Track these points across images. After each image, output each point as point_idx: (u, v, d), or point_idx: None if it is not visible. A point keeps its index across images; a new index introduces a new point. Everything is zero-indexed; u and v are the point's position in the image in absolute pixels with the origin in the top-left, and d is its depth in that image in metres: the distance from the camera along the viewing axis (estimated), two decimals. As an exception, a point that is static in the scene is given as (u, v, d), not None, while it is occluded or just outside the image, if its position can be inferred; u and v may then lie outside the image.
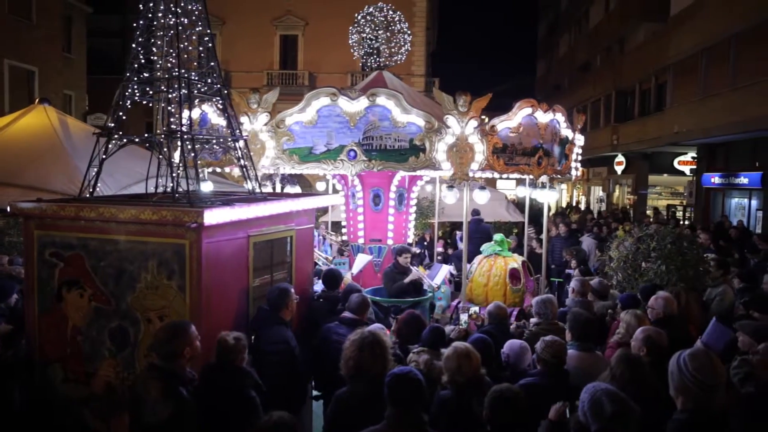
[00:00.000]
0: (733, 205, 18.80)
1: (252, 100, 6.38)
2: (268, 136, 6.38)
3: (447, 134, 6.12)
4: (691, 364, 2.53)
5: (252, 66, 27.90)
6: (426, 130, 6.13)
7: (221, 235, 3.95)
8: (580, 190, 34.78)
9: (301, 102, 6.30)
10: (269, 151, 6.37)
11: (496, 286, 7.62)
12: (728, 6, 15.93)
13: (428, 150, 6.14)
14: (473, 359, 3.42)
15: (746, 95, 14.82)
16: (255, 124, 6.43)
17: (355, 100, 6.14)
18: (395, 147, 6.19)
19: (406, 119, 6.15)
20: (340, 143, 6.25)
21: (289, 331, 4.31)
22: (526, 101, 6.69)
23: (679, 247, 6.65)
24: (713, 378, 2.50)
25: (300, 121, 6.32)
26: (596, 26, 29.10)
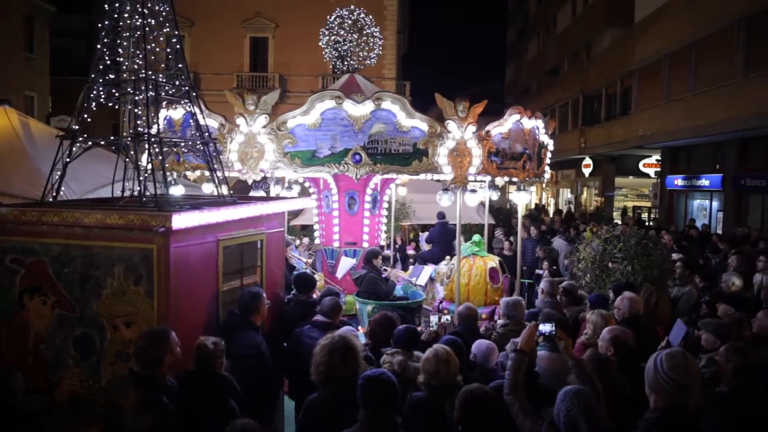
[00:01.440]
0: (696, 207, 19.34)
1: (249, 102, 6.16)
2: (267, 139, 6.16)
3: (448, 139, 6.22)
4: (666, 363, 2.56)
5: (222, 68, 27.60)
6: (429, 134, 6.19)
7: (190, 240, 3.89)
8: (549, 192, 35.33)
9: (305, 104, 6.17)
10: (269, 155, 6.14)
11: (477, 285, 7.75)
12: (688, 14, 16.42)
13: (431, 154, 6.21)
14: (452, 365, 3.43)
15: (707, 100, 15.29)
16: (253, 126, 6.18)
17: (360, 104, 6.10)
18: (400, 151, 6.20)
19: (411, 124, 6.19)
20: (345, 147, 6.16)
21: (259, 336, 4.27)
22: (515, 108, 6.98)
23: (645, 247, 6.82)
24: (687, 378, 2.52)
25: (303, 124, 6.16)
26: (564, 31, 29.64)
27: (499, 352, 4.16)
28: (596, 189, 27.27)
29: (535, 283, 10.29)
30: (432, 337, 4.71)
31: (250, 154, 6.12)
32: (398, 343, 4.14)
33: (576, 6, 27.84)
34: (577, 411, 2.62)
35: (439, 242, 10.89)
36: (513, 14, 44.43)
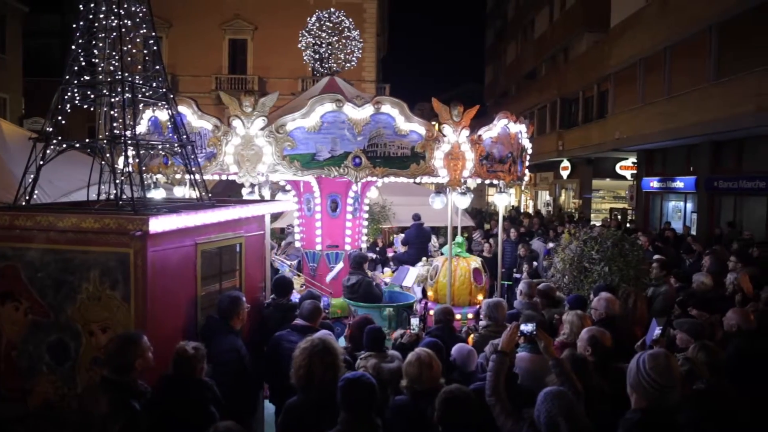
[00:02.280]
0: (671, 208, 19.69)
1: (246, 104, 6.07)
2: (265, 142, 6.10)
3: (444, 142, 6.31)
4: (648, 364, 2.60)
5: (200, 70, 27.36)
6: (426, 138, 6.27)
7: (167, 243, 3.85)
8: (528, 194, 35.67)
9: (305, 107, 6.13)
10: (267, 157, 6.07)
11: (462, 286, 7.83)
12: (661, 20, 16.75)
13: (428, 157, 6.30)
14: (435, 368, 3.43)
15: (680, 104, 15.60)
16: (250, 128, 6.10)
17: (360, 107, 6.11)
18: (398, 154, 6.26)
19: (409, 127, 6.25)
20: (345, 150, 6.16)
21: (239, 340, 4.24)
22: (504, 113, 7.24)
23: (621, 249, 6.93)
24: (667, 379, 2.56)
25: (302, 127, 6.13)
26: (541, 35, 29.99)
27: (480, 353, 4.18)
28: (574, 191, 27.61)
29: (514, 284, 10.38)
30: (413, 340, 4.72)
31: (246, 157, 6.04)
32: (367, 346, 4.15)
33: (553, 10, 28.20)
34: (557, 412, 2.65)
35: (415, 244, 10.95)
36: (491, 17, 44.80)
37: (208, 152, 6.32)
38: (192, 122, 6.37)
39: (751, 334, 4.64)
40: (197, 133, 6.35)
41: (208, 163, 6.33)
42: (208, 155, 6.32)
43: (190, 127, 6.34)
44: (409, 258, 10.17)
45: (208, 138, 6.30)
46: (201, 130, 6.35)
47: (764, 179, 13.92)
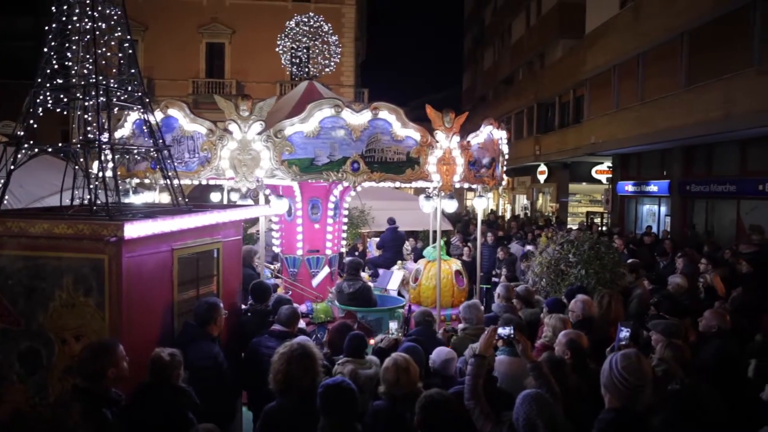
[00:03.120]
0: (645, 212, 20.04)
1: (243, 108, 6.00)
2: (263, 146, 6.05)
3: (437, 148, 6.43)
4: (620, 364, 2.65)
5: (177, 74, 27.06)
6: (421, 143, 6.37)
7: (143, 249, 3.79)
8: (506, 198, 35.99)
9: (303, 112, 6.14)
10: (264, 162, 6.03)
11: (444, 288, 7.93)
12: (635, 27, 17.09)
13: (422, 163, 6.41)
14: (412, 373, 3.43)
15: (653, 109, 15.91)
16: (247, 133, 6.04)
17: (359, 113, 6.16)
18: (394, 159, 6.34)
19: (405, 133, 6.33)
20: (343, 155, 6.18)
21: (217, 347, 4.19)
22: (488, 120, 7.49)
23: (597, 252, 7.03)
24: (639, 378, 2.61)
25: (301, 132, 6.12)
26: (518, 41, 30.35)
27: (459, 356, 4.20)
28: (551, 195, 27.93)
29: (492, 288, 10.44)
30: (392, 344, 4.72)
31: (243, 162, 5.99)
32: (347, 352, 4.14)
33: (530, 17, 28.56)
34: (535, 415, 2.68)
35: (390, 247, 10.98)
36: (469, 23, 45.18)
37: (201, 156, 6.23)
38: (184, 125, 6.27)
39: (728, 334, 4.75)
40: (190, 136, 6.24)
41: (201, 167, 6.26)
42: (201, 159, 6.23)
43: (182, 130, 6.26)
44: (385, 261, 10.20)
45: (202, 142, 6.20)
46: (194, 134, 6.24)
47: (734, 183, 14.26)
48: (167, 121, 6.36)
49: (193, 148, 6.25)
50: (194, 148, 6.25)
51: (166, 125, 6.34)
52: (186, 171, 6.37)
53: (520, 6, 29.83)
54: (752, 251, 9.36)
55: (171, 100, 6.43)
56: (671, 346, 3.91)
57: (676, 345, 3.96)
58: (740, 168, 14.33)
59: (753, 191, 13.46)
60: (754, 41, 12.20)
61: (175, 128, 6.34)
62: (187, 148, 6.29)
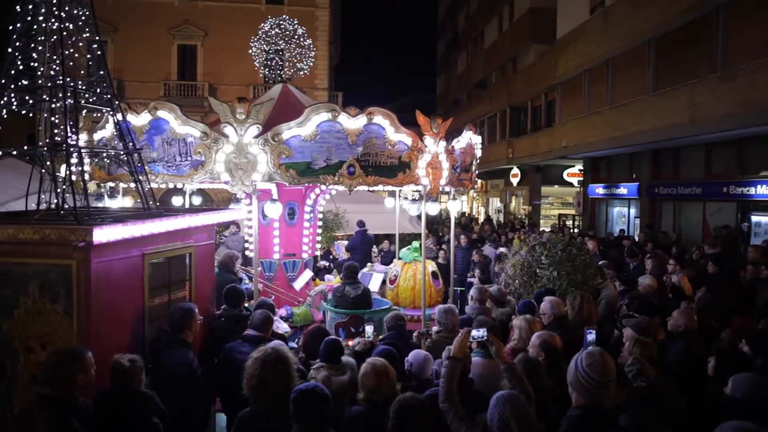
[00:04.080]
0: (615, 214, 20.41)
1: (239, 111, 5.91)
2: (260, 150, 5.99)
3: (426, 153, 6.56)
4: (585, 362, 2.71)
5: (148, 76, 26.65)
6: (412, 148, 6.47)
7: (113, 254, 3.72)
8: (479, 201, 36.29)
9: (301, 116, 6.13)
10: (261, 166, 5.97)
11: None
12: (604, 33, 17.43)
13: (413, 167, 6.53)
14: (391, 377, 3.42)
15: (623, 113, 16.23)
16: (244, 136, 5.95)
17: (354, 118, 6.20)
18: (387, 163, 6.42)
19: (398, 138, 6.42)
20: (339, 159, 6.21)
21: (191, 353, 4.14)
22: (468, 126, 7.82)
23: (569, 253, 7.13)
24: (603, 375, 2.67)
25: (298, 135, 6.10)
26: (491, 46, 30.67)
27: (434, 358, 4.21)
28: (524, 198, 28.26)
29: (466, 290, 10.51)
30: (367, 348, 4.71)
31: (239, 165, 5.92)
32: (322, 357, 4.12)
33: (502, 22, 28.89)
34: (509, 415, 2.70)
35: (360, 250, 10.99)
36: (442, 28, 45.51)
37: (194, 160, 6.12)
38: (175, 128, 6.14)
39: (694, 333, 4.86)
40: (182, 140, 6.13)
41: (194, 171, 6.15)
42: (194, 163, 6.13)
43: (173, 133, 6.14)
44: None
45: (195, 145, 6.11)
46: (186, 137, 6.13)
47: (699, 186, 14.62)
48: (156, 123, 6.23)
49: (185, 151, 6.14)
50: (186, 151, 6.14)
51: (155, 127, 6.22)
52: (177, 174, 6.26)
53: (492, 11, 30.16)
54: (716, 252, 9.61)
55: (161, 102, 6.29)
56: (639, 343, 4.00)
57: (644, 342, 4.06)
58: (705, 171, 14.71)
59: (717, 194, 13.83)
60: (717, 49, 12.55)
61: (165, 130, 6.20)
62: (179, 151, 6.16)
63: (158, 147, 6.19)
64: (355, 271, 7.18)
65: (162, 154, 6.19)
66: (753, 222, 13.33)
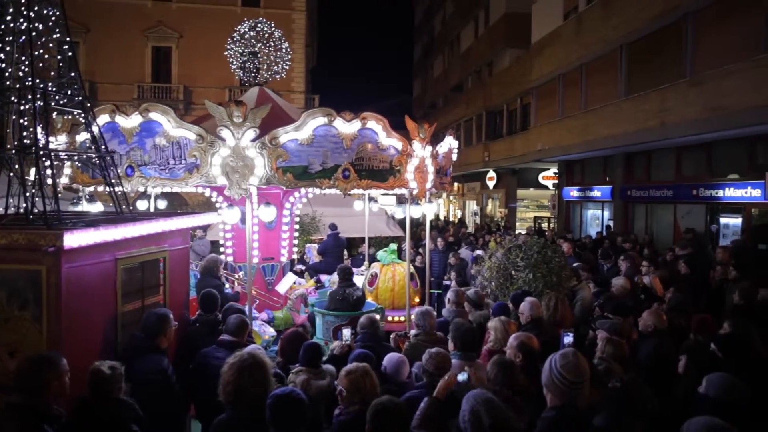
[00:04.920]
0: (589, 216, 20.72)
1: (236, 114, 5.86)
2: (257, 153, 5.96)
3: (414, 157, 6.70)
4: (559, 363, 2.74)
5: (121, 78, 26.26)
6: (402, 152, 6.60)
7: (84, 259, 3.65)
8: (456, 204, 36.52)
9: (298, 120, 6.16)
10: (259, 170, 5.95)
11: (401, 290, 8.38)
12: (577, 38, 17.72)
13: (402, 171, 6.64)
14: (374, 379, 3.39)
15: (596, 117, 16.51)
16: (241, 139, 5.90)
17: (349, 122, 6.26)
18: (379, 167, 6.52)
19: (389, 143, 6.53)
20: (335, 163, 6.26)
21: (165, 359, 4.08)
22: (449, 131, 8.17)
23: (545, 256, 7.21)
24: (577, 376, 2.71)
25: (296, 139, 6.12)
26: (467, 50, 30.92)
27: (414, 361, 4.21)
28: (500, 201, 28.51)
29: (443, 293, 10.57)
30: (345, 351, 4.70)
31: (236, 169, 5.87)
32: (302, 361, 4.10)
33: (478, 26, 29.16)
34: (479, 406, 2.74)
35: (332, 253, 10.98)
36: (419, 32, 45.74)
37: (189, 163, 6.05)
38: (169, 131, 6.06)
39: (664, 333, 4.96)
40: (175, 142, 6.05)
41: (189, 174, 6.08)
42: (189, 166, 6.06)
43: (166, 136, 6.06)
44: (327, 267, 10.21)
45: (190, 148, 6.04)
46: (180, 140, 6.05)
47: (671, 188, 14.93)
48: (147, 125, 6.15)
49: (179, 154, 6.07)
50: (181, 154, 6.06)
51: (147, 130, 6.14)
52: (171, 178, 6.18)
53: (468, 16, 30.42)
54: (688, 253, 9.81)
55: (153, 104, 6.21)
56: (611, 343, 4.07)
57: (616, 341, 4.13)
58: (676, 174, 15.02)
59: (688, 196, 14.13)
60: (686, 55, 12.85)
61: (157, 133, 6.13)
62: (172, 154, 6.09)
63: (150, 150, 6.11)
64: (351, 273, 7.24)
65: (154, 157, 6.11)
66: (721, 224, 13.66)
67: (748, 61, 10.71)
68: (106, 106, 6.32)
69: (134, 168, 6.14)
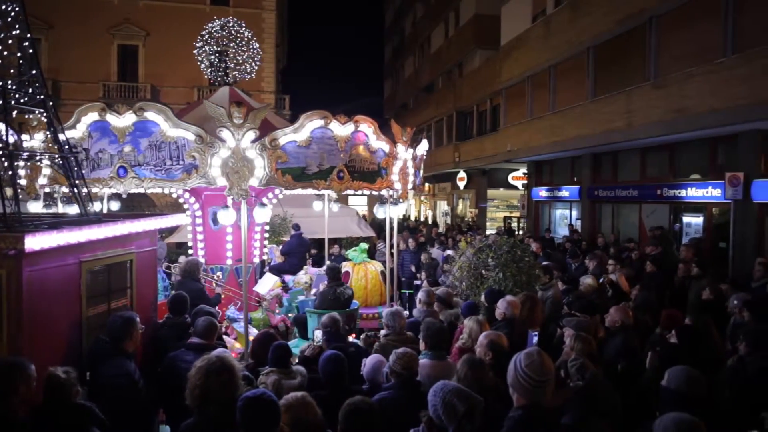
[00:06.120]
0: (558, 216, 21.06)
1: (237, 115, 5.79)
2: (257, 155, 5.91)
3: (399, 159, 6.91)
4: (523, 362, 2.78)
5: (86, 77, 25.66)
6: (388, 155, 6.76)
7: (47, 262, 3.56)
8: (427, 204, 36.70)
9: (297, 122, 6.21)
10: (258, 171, 5.91)
11: (374, 288, 8.65)
12: (545, 40, 18.01)
13: (388, 173, 6.82)
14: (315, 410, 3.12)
15: (564, 118, 16.79)
16: (241, 141, 5.84)
17: (344, 125, 6.35)
18: (369, 169, 6.69)
19: (378, 145, 6.69)
20: (330, 164, 6.36)
21: (132, 364, 4.00)
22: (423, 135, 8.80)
23: (514, 255, 7.31)
24: (541, 374, 2.75)
25: (294, 141, 6.14)
26: (437, 51, 31.10)
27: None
28: (470, 201, 28.75)
29: (415, 293, 10.62)
30: (317, 353, 4.68)
31: (236, 170, 5.83)
32: (270, 362, 4.07)
33: (448, 28, 29.35)
34: (450, 396, 2.77)
35: (296, 253, 10.95)
36: (389, 32, 45.81)
37: (187, 164, 5.95)
38: (165, 131, 5.93)
39: (630, 328, 5.08)
40: (173, 142, 5.93)
41: (187, 175, 5.98)
42: (187, 167, 5.96)
43: (163, 136, 5.93)
44: (291, 268, 10.17)
45: (188, 148, 5.93)
46: (178, 140, 5.93)
47: (636, 188, 15.28)
48: (142, 124, 6.01)
49: (176, 155, 5.96)
50: (179, 155, 5.96)
51: (141, 129, 6.00)
52: (168, 179, 6.06)
53: (438, 17, 30.60)
54: (656, 252, 10.07)
55: (147, 103, 6.10)
56: (580, 338, 4.14)
57: (584, 337, 4.20)
58: (641, 174, 15.38)
59: (652, 196, 14.48)
60: (650, 58, 13.17)
61: (153, 133, 5.99)
62: (170, 154, 5.97)
63: (145, 150, 5.98)
64: (340, 272, 7.30)
65: (150, 157, 5.99)
66: (684, 222, 14.04)
67: (709, 65, 11.05)
68: (95, 104, 6.20)
69: (127, 168, 6.01)
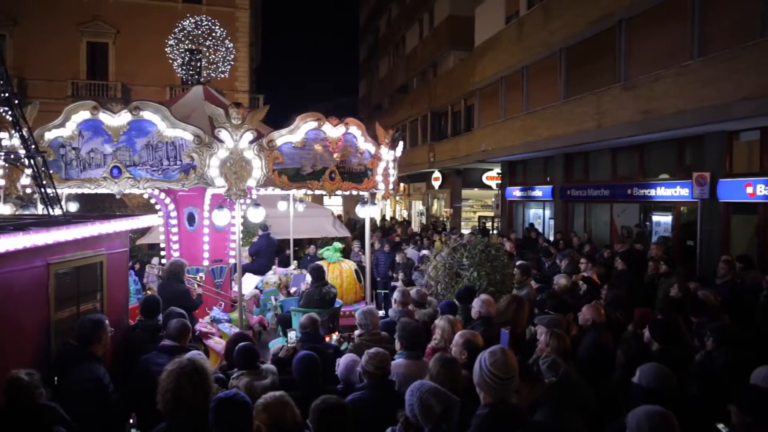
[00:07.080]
0: (531, 215, 21.32)
1: (235, 116, 5.75)
2: (254, 155, 5.90)
3: (382, 160, 7.05)
4: (488, 361, 2.82)
5: (54, 75, 25.05)
6: (374, 156, 6.91)
7: (12, 265, 3.48)
8: (402, 204, 36.79)
9: (292, 123, 6.25)
10: (256, 171, 5.90)
11: (349, 286, 8.86)
12: (518, 42, 18.22)
13: (373, 173, 6.96)
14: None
15: (537, 119, 17.01)
16: (239, 141, 5.81)
17: (336, 127, 6.43)
18: (357, 170, 6.81)
19: (365, 147, 6.80)
20: (323, 165, 6.46)
21: (101, 367, 3.93)
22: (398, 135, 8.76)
23: (488, 254, 7.38)
24: (506, 372, 2.79)
25: (290, 142, 6.19)
26: (412, 51, 31.19)
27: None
28: (445, 201, 28.90)
29: (390, 293, 10.63)
30: (290, 354, 4.65)
31: (234, 170, 5.81)
32: (238, 364, 4.04)
33: (423, 28, 29.46)
34: (428, 395, 2.79)
35: (265, 254, 10.91)
36: (364, 33, 45.75)
37: (184, 164, 5.87)
38: (162, 131, 5.84)
39: (602, 326, 5.16)
40: (170, 143, 5.83)
41: (184, 175, 5.91)
42: (185, 167, 5.88)
43: (160, 136, 5.83)
44: (260, 268, 10.14)
45: (186, 149, 5.84)
46: (175, 140, 5.85)
47: (607, 188, 15.56)
48: (138, 124, 5.91)
49: (174, 155, 5.89)
50: (176, 155, 5.88)
51: (137, 129, 5.91)
52: (165, 179, 5.97)
53: (413, 18, 30.69)
54: (625, 250, 10.26)
55: (145, 102, 5.99)
56: (555, 336, 4.20)
57: (558, 334, 4.26)
58: (612, 174, 15.67)
59: (623, 195, 14.76)
60: (620, 60, 13.43)
61: (150, 133, 5.90)
62: (167, 154, 5.88)
63: (141, 150, 5.90)
64: (324, 271, 7.28)
65: (146, 157, 5.92)
66: (654, 221, 14.35)
67: (676, 68, 11.31)
68: (87, 102, 6.11)
69: (121, 169, 5.90)
